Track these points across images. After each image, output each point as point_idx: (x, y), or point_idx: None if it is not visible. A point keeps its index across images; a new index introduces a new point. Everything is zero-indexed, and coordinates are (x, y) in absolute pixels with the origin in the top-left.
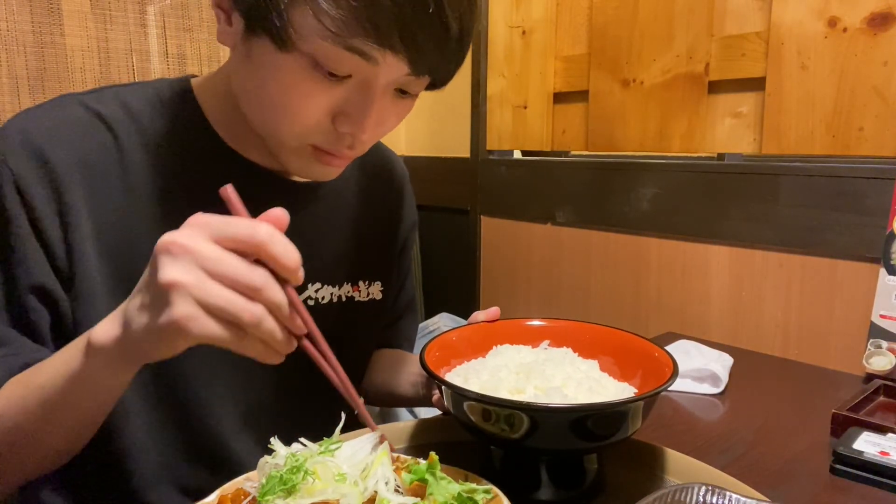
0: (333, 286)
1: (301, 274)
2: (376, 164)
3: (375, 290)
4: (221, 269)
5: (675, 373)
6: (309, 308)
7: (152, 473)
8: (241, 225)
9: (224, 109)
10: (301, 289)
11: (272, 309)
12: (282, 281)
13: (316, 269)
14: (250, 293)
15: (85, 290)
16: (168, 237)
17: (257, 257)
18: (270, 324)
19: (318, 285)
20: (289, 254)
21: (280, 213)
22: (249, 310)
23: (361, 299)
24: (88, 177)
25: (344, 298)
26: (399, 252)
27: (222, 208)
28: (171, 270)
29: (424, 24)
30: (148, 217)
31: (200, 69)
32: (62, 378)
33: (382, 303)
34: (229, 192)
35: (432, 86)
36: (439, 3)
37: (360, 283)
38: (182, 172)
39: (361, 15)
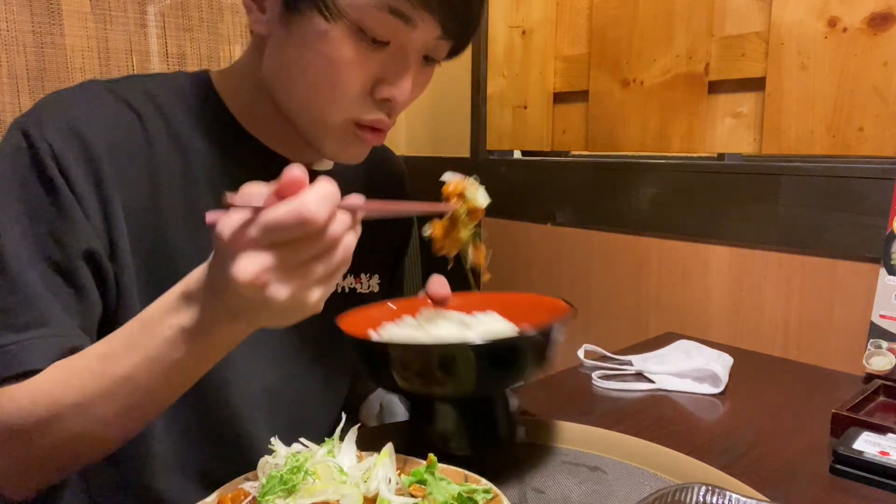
0: None
1: (355, 201)
2: (376, 162)
3: (374, 284)
4: (305, 265)
5: (572, 313)
6: None
7: (167, 459)
8: (285, 223)
9: (245, 99)
10: None
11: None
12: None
13: None
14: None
15: (121, 264)
16: (243, 278)
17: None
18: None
19: None
20: (330, 204)
21: (299, 175)
22: (342, 255)
23: (363, 291)
24: (118, 159)
25: (347, 290)
26: (398, 248)
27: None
28: (279, 293)
29: None
30: (172, 203)
31: (200, 69)
32: (160, 368)
33: (379, 296)
34: (236, 199)
35: (451, 53)
36: None
37: (363, 276)
38: (205, 159)
39: None
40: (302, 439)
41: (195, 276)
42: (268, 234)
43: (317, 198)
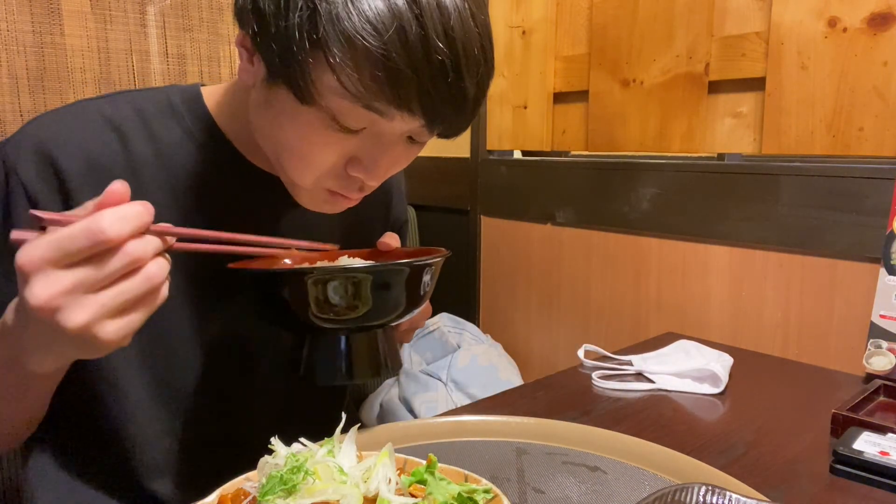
0: None
1: (165, 227)
2: None
3: None
4: (101, 290)
5: (443, 255)
6: None
7: (159, 463)
8: (78, 239)
9: (235, 120)
10: None
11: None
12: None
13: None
14: (133, 269)
15: None
16: (35, 302)
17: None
18: (160, 268)
19: None
20: (128, 223)
21: (119, 189)
22: (144, 282)
23: None
24: (97, 179)
25: None
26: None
27: (229, 208)
28: (70, 319)
29: (442, 91)
30: (160, 219)
31: (200, 69)
32: None
33: None
34: (39, 215)
35: (443, 135)
36: (458, 72)
37: None
38: (193, 177)
39: (382, 81)
40: (302, 439)
41: (11, 306)
42: (59, 251)
43: (114, 216)
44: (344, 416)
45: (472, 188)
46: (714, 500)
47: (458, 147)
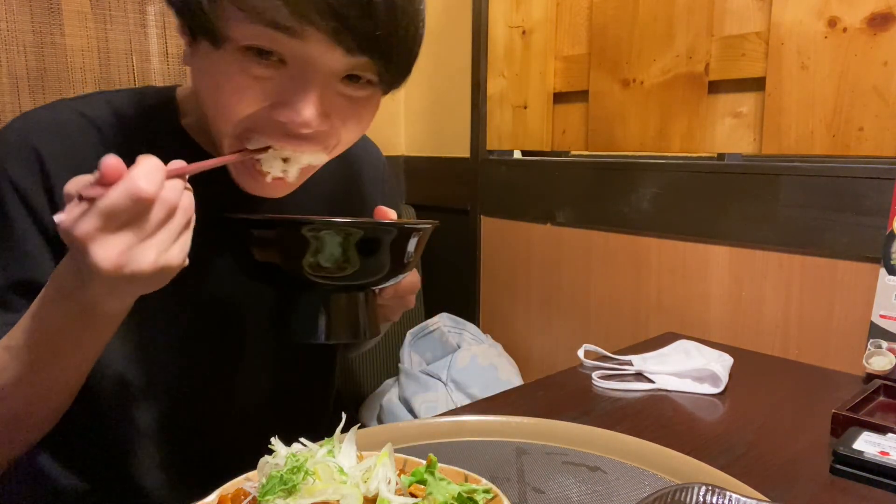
0: None
1: (178, 165)
2: (354, 153)
3: None
4: (154, 234)
5: (434, 224)
6: None
7: (153, 460)
8: (121, 204)
9: (201, 116)
10: None
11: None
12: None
13: None
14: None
15: None
16: (104, 265)
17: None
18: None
19: None
20: (156, 176)
21: (114, 162)
22: (184, 215)
23: None
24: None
25: None
26: None
27: (200, 208)
28: (141, 266)
29: None
30: None
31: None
32: (51, 329)
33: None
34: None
35: (388, 80)
36: None
37: None
38: None
39: None
40: (302, 439)
41: (61, 272)
42: (109, 218)
43: (144, 173)
44: (344, 416)
45: (472, 188)
46: (714, 500)
47: (458, 147)
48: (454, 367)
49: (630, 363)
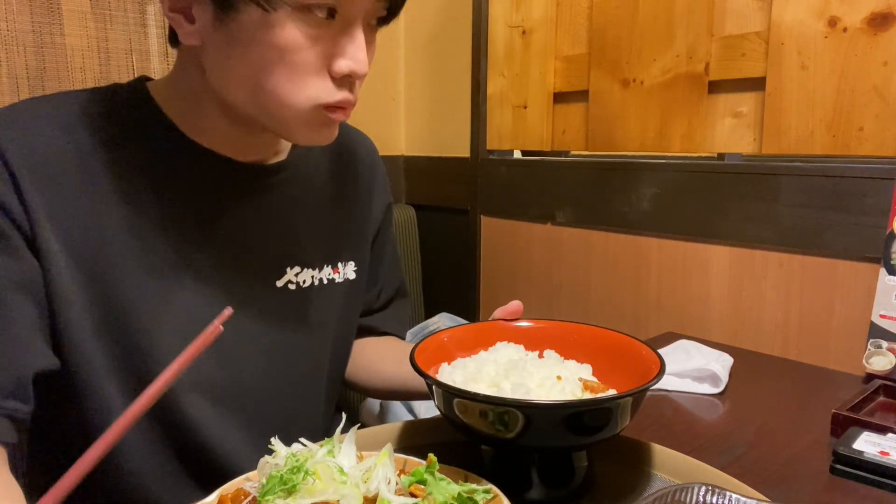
0: (313, 269)
1: None
2: (345, 145)
3: (350, 271)
4: None
5: (661, 370)
6: (290, 293)
7: (145, 472)
8: None
9: (184, 107)
10: (280, 273)
11: None
12: None
13: (293, 252)
14: None
15: (57, 290)
16: None
17: None
18: None
19: (297, 269)
20: None
21: None
22: None
23: (339, 281)
24: (43, 177)
25: (325, 281)
26: (376, 231)
27: (188, 197)
28: None
29: None
30: (115, 216)
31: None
32: None
33: (357, 283)
34: None
35: (388, 14)
36: None
37: (339, 265)
38: (145, 167)
39: None
40: (302, 439)
41: None
42: None
43: None
44: (344, 416)
45: (472, 188)
46: (714, 500)
47: (458, 147)
48: None
49: None
